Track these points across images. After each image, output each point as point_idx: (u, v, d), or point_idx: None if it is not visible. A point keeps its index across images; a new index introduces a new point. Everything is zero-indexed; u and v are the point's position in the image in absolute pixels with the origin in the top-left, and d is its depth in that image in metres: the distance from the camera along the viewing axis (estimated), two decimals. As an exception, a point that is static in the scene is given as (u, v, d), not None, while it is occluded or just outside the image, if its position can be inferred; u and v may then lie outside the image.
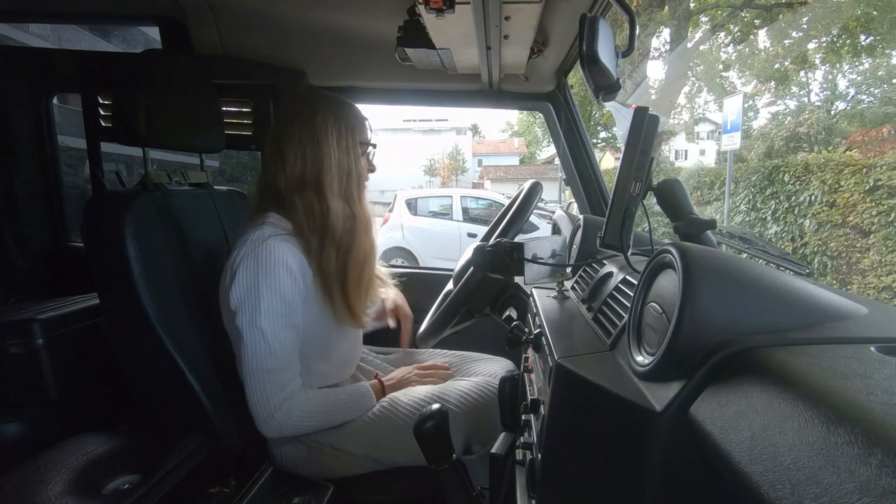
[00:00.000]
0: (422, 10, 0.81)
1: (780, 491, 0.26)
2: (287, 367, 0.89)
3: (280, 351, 0.87)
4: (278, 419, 0.87)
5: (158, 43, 1.39)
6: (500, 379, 0.85)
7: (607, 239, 0.65)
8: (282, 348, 0.87)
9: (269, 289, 0.86)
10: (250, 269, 0.86)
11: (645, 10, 8.94)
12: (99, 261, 0.90)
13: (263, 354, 0.86)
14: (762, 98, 14.14)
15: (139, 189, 0.97)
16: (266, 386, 0.86)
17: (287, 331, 0.88)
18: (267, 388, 0.86)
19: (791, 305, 0.43)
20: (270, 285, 0.86)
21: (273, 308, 0.86)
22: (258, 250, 0.87)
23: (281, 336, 0.87)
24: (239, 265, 0.87)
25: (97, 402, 1.14)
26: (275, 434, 0.90)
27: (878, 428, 0.24)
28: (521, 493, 0.65)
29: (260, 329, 0.85)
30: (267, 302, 0.86)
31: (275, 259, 0.86)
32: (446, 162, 27.01)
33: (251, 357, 0.86)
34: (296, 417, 0.89)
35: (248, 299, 0.86)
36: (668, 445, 0.40)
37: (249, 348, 0.86)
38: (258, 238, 0.88)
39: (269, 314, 0.86)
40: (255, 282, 0.85)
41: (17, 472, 0.71)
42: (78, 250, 1.58)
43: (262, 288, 0.85)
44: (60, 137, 1.59)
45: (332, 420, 0.95)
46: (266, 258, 0.86)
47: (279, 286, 0.87)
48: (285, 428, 0.89)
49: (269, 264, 0.86)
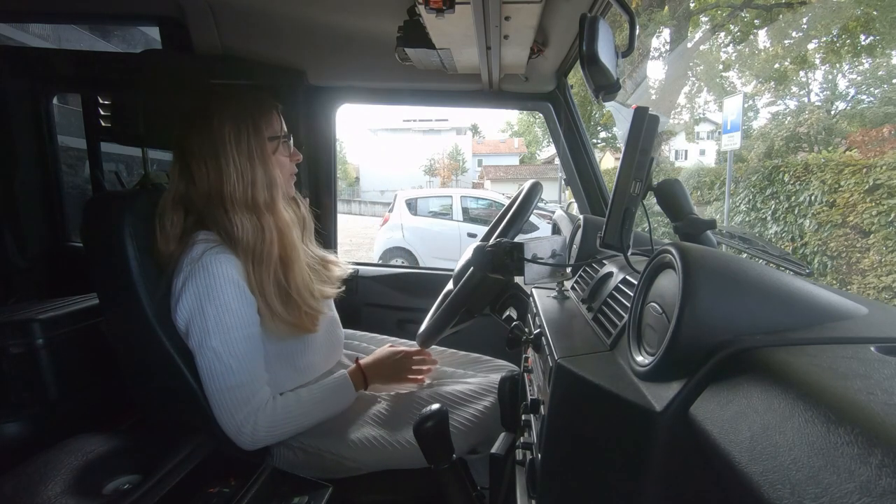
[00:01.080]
0: (422, 10, 0.81)
1: (780, 491, 0.26)
2: (248, 380, 0.86)
3: (237, 366, 0.84)
4: (247, 433, 0.86)
5: (158, 43, 1.39)
6: (500, 379, 0.85)
7: (607, 239, 0.65)
8: (238, 363, 0.84)
9: (214, 306, 0.83)
10: (191, 291, 0.83)
11: (645, 10, 8.94)
12: (99, 261, 0.90)
13: (219, 373, 0.84)
14: (762, 98, 14.18)
15: (139, 189, 0.97)
16: (228, 403, 0.84)
17: (242, 343, 0.85)
18: (230, 404, 0.84)
19: (791, 305, 0.43)
20: (214, 302, 0.83)
21: (222, 324, 0.83)
22: (195, 270, 0.84)
23: (236, 350, 0.84)
24: (181, 290, 0.84)
25: (97, 402, 1.14)
26: (251, 446, 0.87)
27: (878, 428, 0.24)
28: (521, 493, 0.65)
29: (212, 349, 0.83)
30: (213, 320, 0.83)
31: (215, 274, 0.84)
32: (446, 162, 27.01)
33: (208, 377, 0.84)
34: (265, 428, 0.87)
35: (194, 321, 0.83)
36: (668, 445, 0.40)
37: (205, 369, 0.84)
38: (193, 258, 0.85)
39: (218, 332, 0.83)
40: (198, 303, 0.83)
41: (17, 472, 0.71)
42: (78, 250, 1.58)
43: (207, 308, 0.83)
44: (60, 137, 1.59)
45: (310, 420, 0.93)
46: (205, 276, 0.83)
47: (225, 301, 0.84)
48: (258, 440, 0.87)
49: (210, 280, 0.83)
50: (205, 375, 0.85)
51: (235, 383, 0.85)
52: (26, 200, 1.50)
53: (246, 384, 0.86)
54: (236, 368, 0.85)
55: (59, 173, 1.58)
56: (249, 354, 0.87)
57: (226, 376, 0.84)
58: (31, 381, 1.02)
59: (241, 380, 0.85)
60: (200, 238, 0.87)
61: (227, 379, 0.84)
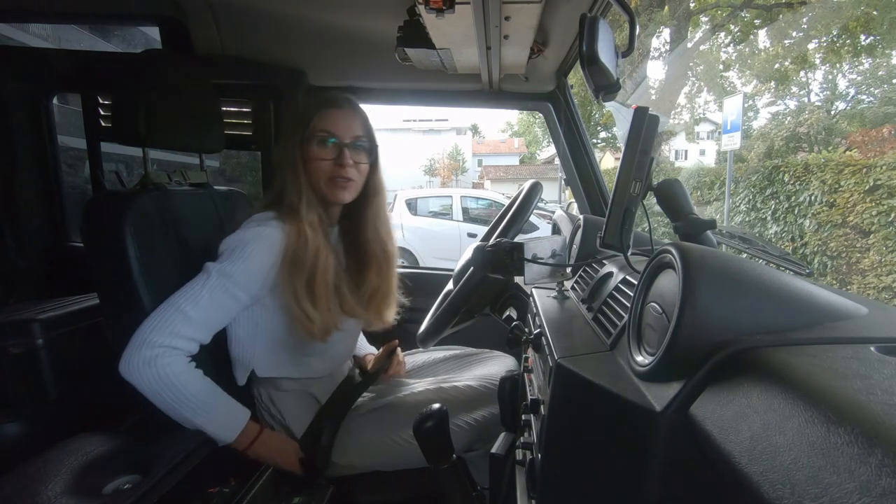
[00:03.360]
0: (422, 10, 0.81)
1: (780, 491, 0.26)
2: (196, 326, 0.84)
3: (204, 304, 0.84)
4: (141, 356, 0.80)
5: (158, 43, 1.39)
6: (500, 379, 0.85)
7: (607, 239, 0.65)
8: (209, 303, 0.84)
9: (243, 254, 0.87)
10: (241, 233, 0.89)
11: (645, 10, 8.94)
12: (99, 261, 0.89)
13: (188, 295, 0.84)
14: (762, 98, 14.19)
15: (139, 189, 0.97)
16: (163, 319, 0.82)
17: (225, 296, 0.85)
18: (162, 321, 0.82)
19: (791, 305, 0.43)
20: (245, 252, 0.87)
21: (230, 271, 0.86)
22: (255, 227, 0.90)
23: (216, 295, 0.85)
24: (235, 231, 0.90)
25: (97, 402, 1.14)
26: (124, 369, 0.80)
27: (878, 428, 0.24)
28: (521, 493, 0.65)
29: (207, 273, 0.86)
30: (230, 262, 0.86)
31: (262, 235, 0.88)
32: (446, 162, 27.00)
33: (179, 292, 0.84)
34: (153, 370, 0.80)
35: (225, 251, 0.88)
36: (668, 445, 0.40)
37: (186, 285, 0.85)
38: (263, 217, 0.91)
39: (224, 273, 0.85)
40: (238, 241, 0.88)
41: (17, 472, 0.71)
42: (78, 250, 1.58)
43: (237, 250, 0.87)
44: (60, 137, 1.59)
45: (179, 410, 0.83)
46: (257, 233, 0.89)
47: (251, 257, 0.87)
48: (137, 370, 0.80)
49: (256, 237, 0.88)
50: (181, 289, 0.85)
51: (187, 313, 0.83)
52: (26, 200, 1.50)
53: (191, 325, 0.83)
54: (202, 305, 0.84)
55: (59, 173, 1.58)
56: (219, 312, 0.87)
57: (188, 301, 0.83)
58: (31, 381, 1.02)
59: (194, 317, 0.83)
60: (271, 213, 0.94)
61: (187, 304, 0.83)
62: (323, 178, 0.94)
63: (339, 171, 0.93)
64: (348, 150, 0.93)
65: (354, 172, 0.95)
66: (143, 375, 0.80)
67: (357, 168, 0.96)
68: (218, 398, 0.87)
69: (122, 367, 0.80)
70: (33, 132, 1.50)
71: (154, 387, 0.81)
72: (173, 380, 0.81)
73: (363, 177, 0.99)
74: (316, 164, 0.93)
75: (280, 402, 1.00)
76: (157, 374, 0.80)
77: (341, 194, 0.95)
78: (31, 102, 1.49)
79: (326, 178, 0.94)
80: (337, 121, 0.94)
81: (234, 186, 1.29)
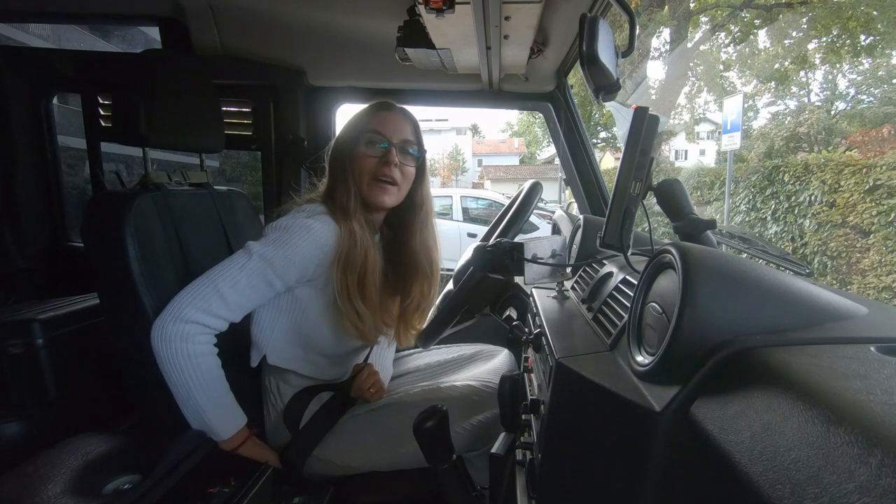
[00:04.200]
0: (422, 10, 0.81)
1: (780, 491, 0.26)
2: (231, 308, 0.84)
3: (242, 285, 0.84)
4: (177, 330, 0.80)
5: (158, 43, 1.39)
6: (500, 378, 0.85)
7: (607, 239, 0.65)
8: (246, 286, 0.84)
9: (287, 243, 0.86)
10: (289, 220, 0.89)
11: (645, 10, 8.94)
12: (99, 261, 0.89)
13: (227, 275, 0.84)
14: (762, 98, 14.20)
15: (139, 189, 0.97)
16: (200, 295, 0.82)
17: (261, 281, 0.86)
18: (200, 297, 0.82)
19: (791, 305, 0.43)
20: (290, 241, 0.87)
21: (272, 257, 0.86)
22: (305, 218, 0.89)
23: (254, 279, 0.85)
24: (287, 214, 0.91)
25: (97, 402, 1.14)
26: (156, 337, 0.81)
27: (878, 428, 0.24)
28: (521, 493, 0.65)
29: (249, 254, 0.85)
30: (273, 247, 0.86)
31: (309, 228, 0.88)
32: (446, 162, 27.01)
33: (218, 268, 0.85)
34: (187, 345, 0.81)
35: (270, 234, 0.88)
36: (668, 445, 0.40)
37: (225, 261, 0.86)
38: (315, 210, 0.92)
39: (265, 258, 0.85)
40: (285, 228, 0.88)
41: (17, 472, 0.71)
42: (78, 250, 1.58)
43: (283, 237, 0.87)
44: (60, 137, 1.59)
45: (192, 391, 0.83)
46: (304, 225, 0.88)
47: (295, 247, 0.87)
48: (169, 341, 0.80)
49: (303, 228, 0.88)
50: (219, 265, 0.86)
51: (224, 293, 0.83)
52: (26, 200, 1.50)
53: (225, 306, 0.84)
54: (239, 287, 0.84)
55: (59, 173, 1.58)
56: (253, 296, 0.87)
57: (225, 281, 0.84)
58: (31, 381, 1.02)
59: (230, 298, 0.84)
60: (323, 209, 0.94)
61: (224, 284, 0.83)
62: (366, 178, 0.95)
63: (382, 170, 0.94)
64: (395, 150, 0.94)
65: (398, 174, 0.95)
66: (175, 348, 0.81)
67: (402, 171, 0.96)
68: (228, 394, 0.88)
69: (154, 334, 0.81)
70: (33, 132, 1.50)
71: (180, 361, 0.81)
72: (200, 360, 0.82)
73: (408, 183, 0.99)
74: (362, 161, 0.94)
75: (285, 394, 1.00)
76: (188, 350, 0.81)
77: (382, 197, 0.95)
78: (31, 102, 1.49)
79: (370, 178, 0.95)
80: (386, 122, 0.96)
81: (234, 186, 1.29)
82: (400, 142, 0.96)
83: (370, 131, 0.95)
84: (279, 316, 0.95)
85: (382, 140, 0.95)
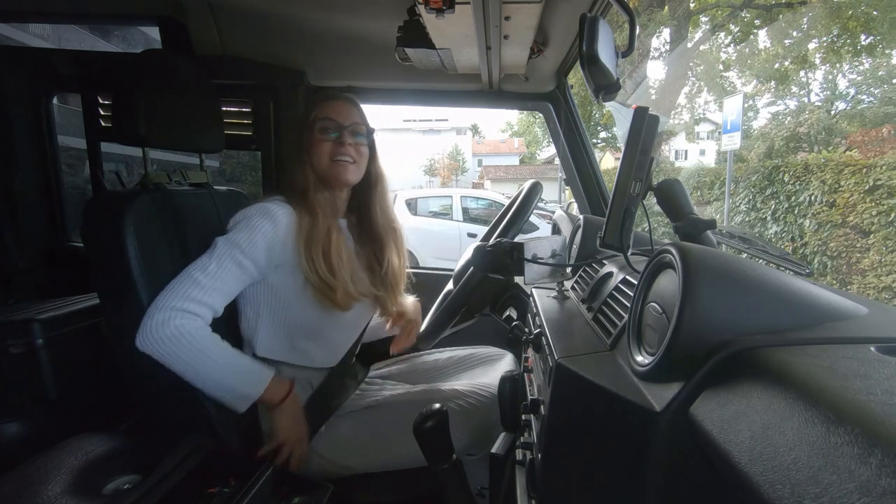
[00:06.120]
0: (422, 10, 0.81)
1: (780, 491, 0.26)
2: (206, 290, 0.86)
3: (212, 270, 0.88)
4: (154, 320, 0.81)
5: (158, 43, 1.39)
6: (500, 379, 0.85)
7: (607, 239, 0.65)
8: (216, 268, 0.88)
9: (248, 226, 0.92)
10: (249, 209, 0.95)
11: (645, 10, 8.94)
12: (99, 261, 0.89)
13: (196, 264, 0.88)
14: (762, 98, 14.20)
15: (139, 189, 0.97)
16: (174, 286, 0.85)
17: (231, 263, 0.89)
18: (173, 288, 0.85)
19: (791, 305, 0.43)
20: (249, 224, 0.92)
21: (235, 239, 0.91)
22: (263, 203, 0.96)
23: (224, 261, 0.89)
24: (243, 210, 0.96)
25: (97, 402, 1.14)
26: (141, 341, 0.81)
27: (878, 428, 0.24)
28: (521, 493, 0.65)
29: (215, 243, 0.91)
30: (236, 232, 0.92)
31: (267, 210, 0.94)
32: (446, 162, 27.01)
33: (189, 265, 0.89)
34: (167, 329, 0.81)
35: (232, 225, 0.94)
36: (668, 445, 0.40)
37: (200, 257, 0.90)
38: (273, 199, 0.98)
39: (230, 241, 0.91)
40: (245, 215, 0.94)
41: (17, 472, 0.71)
42: (78, 250, 1.58)
43: (244, 222, 0.93)
44: (60, 137, 1.59)
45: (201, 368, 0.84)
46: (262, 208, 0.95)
47: (256, 228, 0.92)
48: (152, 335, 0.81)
49: (261, 211, 0.94)
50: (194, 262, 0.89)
51: (199, 280, 0.86)
52: (26, 200, 1.50)
53: (205, 290, 0.86)
54: (211, 272, 0.88)
55: (59, 173, 1.58)
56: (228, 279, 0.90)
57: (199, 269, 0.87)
58: (31, 381, 1.02)
59: (205, 283, 0.87)
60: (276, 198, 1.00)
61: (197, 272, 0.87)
62: (325, 160, 1.00)
63: (339, 150, 1.00)
64: (347, 133, 1.01)
65: (354, 153, 1.02)
66: (159, 338, 0.81)
67: (357, 150, 1.02)
68: (239, 355, 0.90)
69: (138, 339, 0.82)
70: (33, 132, 1.50)
71: (171, 347, 0.82)
72: (189, 337, 0.83)
73: (364, 159, 1.05)
74: (319, 147, 1.01)
75: None
76: (171, 333, 0.82)
77: (344, 174, 1.01)
78: (31, 102, 1.49)
79: (328, 160, 1.00)
80: (335, 109, 1.02)
81: (234, 186, 1.29)
82: (351, 124, 1.02)
83: (322, 119, 1.01)
84: (260, 308, 0.99)
85: (335, 125, 1.01)
